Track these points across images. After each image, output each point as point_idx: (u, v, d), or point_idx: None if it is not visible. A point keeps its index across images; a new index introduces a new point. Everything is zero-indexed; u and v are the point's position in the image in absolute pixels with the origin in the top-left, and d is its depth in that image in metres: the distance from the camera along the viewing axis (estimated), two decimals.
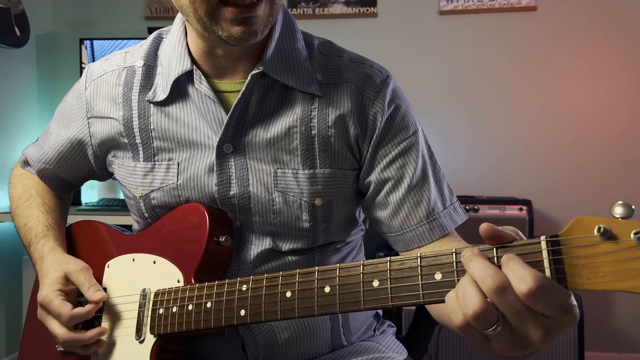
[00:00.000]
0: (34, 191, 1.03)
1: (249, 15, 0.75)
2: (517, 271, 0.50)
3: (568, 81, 2.63)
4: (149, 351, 0.81)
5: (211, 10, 0.74)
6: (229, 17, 0.74)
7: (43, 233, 0.95)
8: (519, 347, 0.53)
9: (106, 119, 0.92)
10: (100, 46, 2.61)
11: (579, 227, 0.51)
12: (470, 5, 2.67)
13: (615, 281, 0.48)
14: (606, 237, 0.49)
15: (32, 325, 0.99)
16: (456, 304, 0.53)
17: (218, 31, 0.76)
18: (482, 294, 0.51)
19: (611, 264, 0.48)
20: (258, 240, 0.87)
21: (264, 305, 0.70)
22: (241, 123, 0.85)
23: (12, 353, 2.58)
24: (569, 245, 0.51)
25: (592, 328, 2.46)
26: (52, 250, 0.92)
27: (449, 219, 0.86)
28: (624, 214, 0.48)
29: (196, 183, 0.86)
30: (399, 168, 0.86)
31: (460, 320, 0.53)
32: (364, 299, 0.62)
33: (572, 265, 0.50)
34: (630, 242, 0.47)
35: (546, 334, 0.52)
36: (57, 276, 0.87)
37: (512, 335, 0.52)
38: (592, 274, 0.49)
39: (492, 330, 0.52)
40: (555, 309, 0.50)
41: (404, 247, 0.87)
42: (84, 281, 0.86)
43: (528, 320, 0.51)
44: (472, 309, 0.51)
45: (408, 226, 0.85)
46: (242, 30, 0.75)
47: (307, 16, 2.77)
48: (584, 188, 2.60)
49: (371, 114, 0.85)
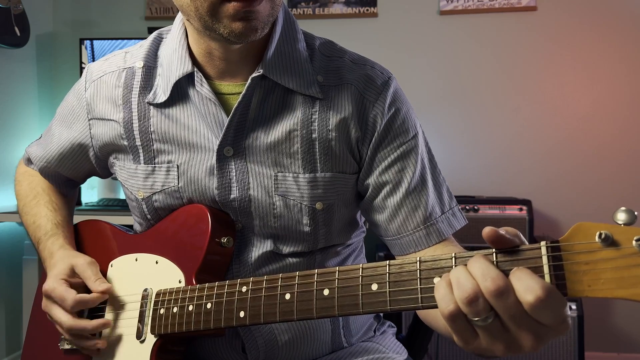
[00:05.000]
0: (40, 189, 1.03)
1: (250, 9, 0.74)
2: (526, 280, 0.49)
3: (568, 81, 2.63)
4: (149, 351, 0.81)
5: (213, 7, 0.74)
6: (231, 12, 0.74)
7: (52, 231, 0.95)
8: (507, 347, 0.53)
9: (107, 121, 0.91)
10: (100, 46, 2.60)
11: (580, 232, 0.50)
12: (470, 5, 2.67)
13: (616, 288, 0.48)
14: (607, 243, 0.48)
15: (35, 324, 1.00)
16: (447, 291, 0.53)
17: (220, 28, 0.75)
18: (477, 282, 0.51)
19: (612, 271, 0.48)
20: (259, 242, 0.87)
21: (263, 307, 0.70)
22: (242, 126, 0.84)
23: (12, 353, 2.58)
24: (570, 251, 0.50)
25: (592, 328, 2.46)
26: (61, 247, 0.93)
27: (446, 224, 0.86)
28: (627, 220, 0.48)
29: (197, 186, 0.86)
30: (397, 172, 0.85)
31: (452, 307, 0.52)
32: (363, 302, 0.61)
33: (572, 271, 0.50)
34: (632, 249, 0.47)
35: (538, 341, 0.52)
36: (64, 267, 0.87)
37: (503, 332, 0.52)
38: (592, 281, 0.49)
39: (482, 321, 0.52)
40: (554, 319, 0.50)
41: (401, 252, 0.87)
42: (90, 274, 0.86)
43: (522, 325, 0.51)
44: (466, 292, 0.51)
45: (405, 231, 0.85)
46: (242, 26, 0.75)
47: (307, 16, 2.77)
48: (584, 188, 2.60)
49: (371, 116, 0.85)
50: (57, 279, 0.85)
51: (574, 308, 2.04)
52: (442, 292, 0.53)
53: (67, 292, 0.83)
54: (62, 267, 0.87)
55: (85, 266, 0.87)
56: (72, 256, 0.90)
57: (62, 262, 0.88)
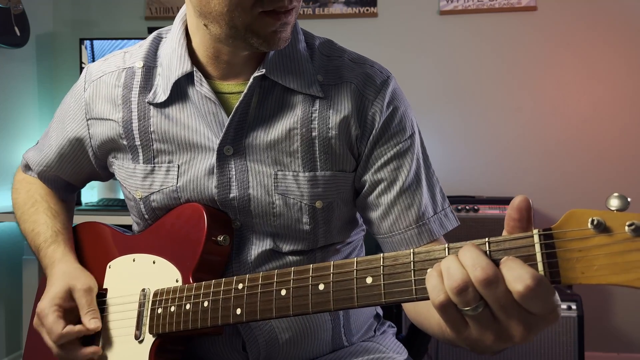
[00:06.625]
0: (39, 196, 1.02)
1: (285, 21, 0.77)
2: (516, 270, 0.49)
3: (568, 81, 2.63)
4: (147, 351, 0.81)
5: (251, 21, 0.75)
6: (269, 26, 0.76)
7: (52, 239, 0.95)
8: (498, 338, 0.53)
9: (105, 121, 0.91)
10: (100, 46, 2.61)
11: (573, 219, 0.50)
12: (470, 5, 2.67)
13: (609, 274, 0.47)
14: (600, 229, 0.48)
15: None
16: (438, 281, 0.53)
17: (252, 39, 0.77)
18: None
19: (605, 257, 0.48)
20: (258, 240, 0.87)
21: (259, 304, 0.70)
22: (242, 125, 0.84)
23: (12, 353, 2.58)
24: (562, 238, 0.50)
25: (592, 328, 2.46)
26: (63, 256, 0.92)
27: (438, 224, 0.86)
28: (619, 206, 0.48)
29: (196, 185, 0.86)
30: (392, 170, 0.85)
31: (442, 297, 0.52)
32: (357, 295, 0.61)
33: (565, 259, 0.50)
34: (625, 235, 0.47)
35: (528, 330, 0.52)
36: (60, 290, 0.86)
37: (493, 322, 0.52)
38: (586, 268, 0.48)
39: (472, 310, 0.51)
40: (544, 308, 0.50)
41: (392, 250, 0.87)
42: (84, 304, 0.86)
43: (512, 315, 0.51)
44: (456, 281, 0.51)
45: (397, 229, 0.85)
46: (277, 37, 0.77)
47: (307, 16, 2.77)
48: (584, 188, 2.60)
49: (370, 113, 0.85)
50: (51, 304, 0.85)
51: (574, 308, 2.03)
52: (432, 282, 0.53)
53: (55, 325, 0.83)
54: (58, 289, 0.86)
55: (82, 293, 0.86)
56: (72, 276, 0.89)
57: (60, 282, 0.87)
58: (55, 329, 0.83)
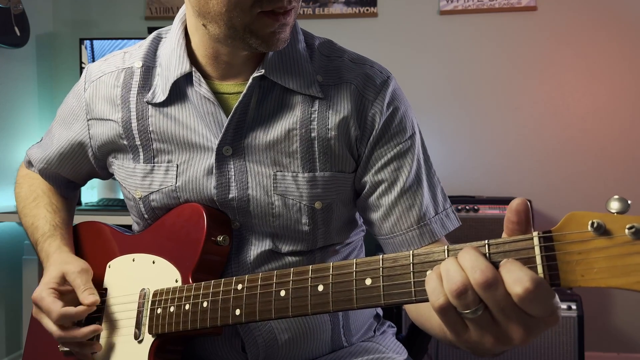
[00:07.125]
0: (41, 191, 1.03)
1: (284, 22, 0.77)
2: (515, 273, 0.49)
3: (568, 81, 2.63)
4: (147, 351, 0.81)
5: (250, 21, 0.75)
6: (268, 27, 0.76)
7: (50, 232, 0.95)
8: (497, 340, 0.53)
9: (105, 121, 0.91)
10: (100, 46, 2.61)
11: (573, 222, 0.49)
12: (470, 5, 2.67)
13: (609, 277, 0.47)
14: (600, 232, 0.47)
15: (36, 326, 0.99)
16: (437, 283, 0.52)
17: (251, 39, 0.77)
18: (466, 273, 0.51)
19: (605, 260, 0.47)
20: (258, 241, 0.87)
21: (258, 305, 0.70)
22: (241, 125, 0.84)
23: (12, 353, 2.58)
24: (562, 241, 0.49)
25: (592, 328, 2.46)
26: (57, 249, 0.92)
27: (440, 225, 0.86)
28: (620, 209, 0.47)
29: (195, 185, 0.86)
30: (393, 171, 0.85)
31: (442, 300, 0.52)
32: (357, 296, 0.61)
33: (565, 261, 0.49)
34: (625, 238, 0.46)
35: (528, 333, 0.51)
36: (54, 275, 0.87)
37: (493, 324, 0.52)
38: (585, 270, 0.48)
39: (471, 313, 0.51)
40: (544, 311, 0.50)
41: (393, 251, 0.87)
42: (79, 283, 0.85)
43: (512, 317, 0.51)
44: (455, 284, 0.51)
45: (398, 230, 0.85)
46: (275, 38, 0.77)
47: (307, 16, 2.77)
48: (584, 188, 2.60)
49: (370, 114, 0.85)
50: (47, 288, 0.85)
51: (574, 308, 2.03)
52: (432, 285, 0.53)
53: (53, 304, 0.82)
54: (53, 274, 0.87)
55: (76, 274, 0.86)
56: (64, 262, 0.89)
57: (54, 269, 0.88)
58: (54, 307, 0.82)
